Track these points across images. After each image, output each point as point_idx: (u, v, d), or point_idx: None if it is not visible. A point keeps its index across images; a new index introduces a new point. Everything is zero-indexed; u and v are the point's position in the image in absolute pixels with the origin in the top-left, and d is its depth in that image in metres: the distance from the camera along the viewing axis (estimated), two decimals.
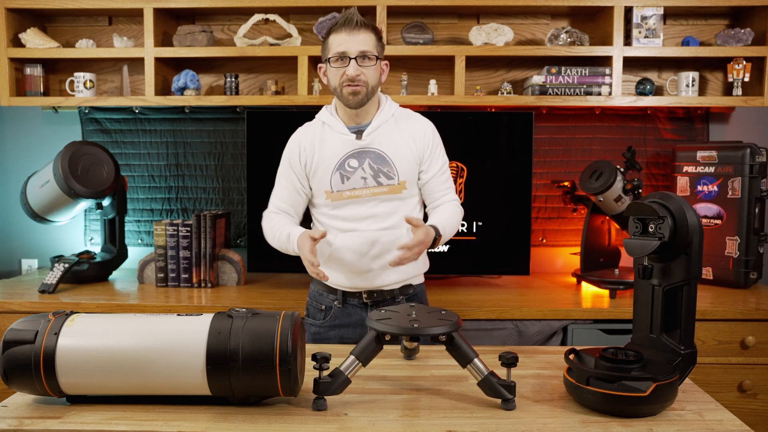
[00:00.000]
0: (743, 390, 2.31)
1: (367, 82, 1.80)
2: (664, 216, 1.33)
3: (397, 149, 1.85)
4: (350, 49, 1.78)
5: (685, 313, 1.36)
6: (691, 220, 1.32)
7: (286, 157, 1.94)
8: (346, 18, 1.79)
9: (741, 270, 2.54)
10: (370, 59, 1.80)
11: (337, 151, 1.85)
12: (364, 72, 1.79)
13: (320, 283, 1.96)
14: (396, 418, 1.26)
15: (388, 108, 1.90)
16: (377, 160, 1.84)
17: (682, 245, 1.34)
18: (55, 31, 2.93)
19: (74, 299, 2.39)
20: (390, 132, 1.86)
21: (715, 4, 2.61)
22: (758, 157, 2.51)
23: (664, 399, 1.29)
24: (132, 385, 1.27)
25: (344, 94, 1.81)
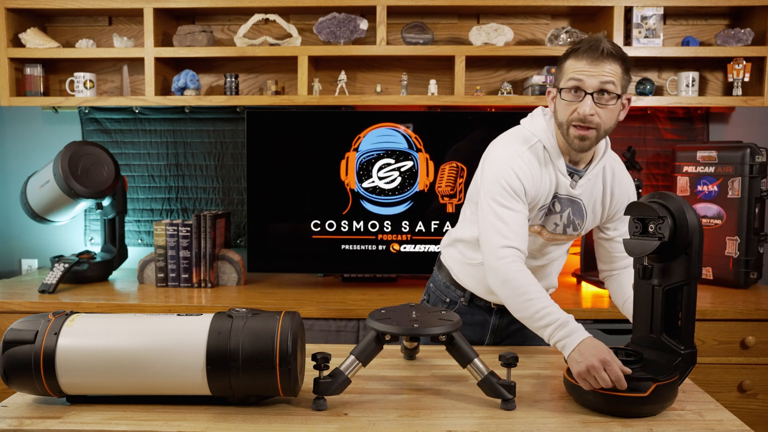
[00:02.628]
0: (743, 390, 2.31)
1: (600, 125, 1.51)
2: (664, 216, 1.32)
3: (595, 205, 1.67)
4: (589, 81, 1.49)
5: (686, 313, 1.35)
6: (691, 220, 1.32)
7: (515, 180, 1.56)
8: (591, 43, 1.50)
9: (741, 270, 2.54)
10: (611, 98, 1.50)
11: (549, 188, 1.61)
12: (599, 113, 1.50)
13: (449, 275, 1.82)
14: (396, 418, 1.26)
15: (606, 156, 1.65)
16: (576, 212, 1.65)
17: (682, 245, 1.33)
18: (55, 31, 2.93)
19: (74, 299, 2.39)
20: (597, 185, 1.66)
21: (715, 4, 2.61)
22: (758, 157, 2.51)
23: (665, 399, 1.29)
24: (132, 385, 1.27)
25: (571, 135, 1.53)
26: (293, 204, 2.66)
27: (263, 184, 2.65)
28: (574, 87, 1.51)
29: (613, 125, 1.56)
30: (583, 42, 1.52)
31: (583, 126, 1.51)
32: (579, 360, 1.33)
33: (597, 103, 1.50)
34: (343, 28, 2.65)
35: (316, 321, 2.31)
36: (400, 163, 2.61)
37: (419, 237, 2.64)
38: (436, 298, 1.88)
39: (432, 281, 1.92)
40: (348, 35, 2.66)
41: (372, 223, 2.63)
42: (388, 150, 2.61)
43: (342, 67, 2.82)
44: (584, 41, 1.52)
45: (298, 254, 2.68)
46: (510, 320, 1.80)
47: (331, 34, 2.66)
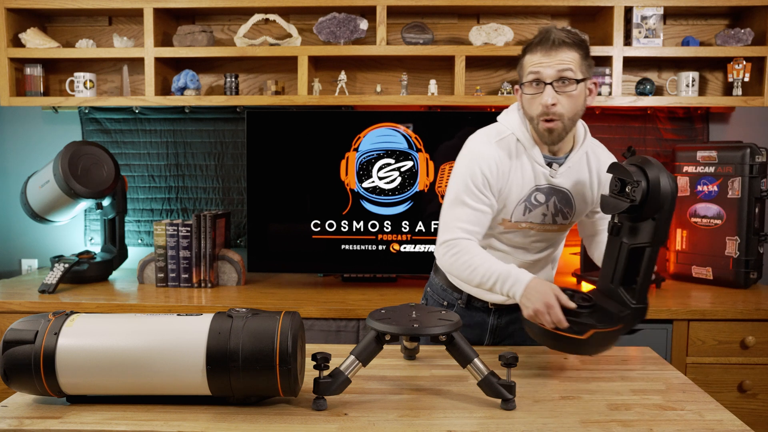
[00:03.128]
0: (743, 390, 2.31)
1: (563, 114, 1.53)
2: (639, 180, 1.38)
3: (583, 192, 1.68)
4: (546, 71, 1.52)
5: (644, 272, 1.44)
6: (664, 188, 1.38)
7: (480, 176, 1.61)
8: (542, 35, 1.55)
9: (741, 270, 2.54)
10: (570, 84, 1.52)
11: (528, 181, 1.63)
12: (561, 101, 1.53)
13: (444, 278, 1.81)
14: (396, 418, 1.26)
15: (585, 143, 1.67)
16: (562, 201, 1.66)
17: (651, 210, 1.40)
18: (55, 31, 2.93)
19: (74, 299, 2.39)
20: (580, 171, 1.67)
21: (715, 4, 2.61)
22: (758, 157, 2.51)
23: (601, 344, 1.42)
24: (132, 385, 1.27)
25: (540, 128, 1.57)
26: (293, 204, 2.66)
27: (263, 184, 2.65)
28: (533, 80, 1.55)
29: (580, 111, 1.58)
30: (536, 35, 1.56)
31: (548, 118, 1.54)
32: (527, 305, 1.47)
33: (558, 92, 1.52)
34: (343, 28, 2.65)
35: (316, 321, 2.31)
36: (400, 163, 2.61)
37: (419, 237, 2.64)
38: (434, 302, 1.88)
39: (429, 285, 1.93)
40: (348, 35, 2.66)
41: (372, 223, 2.63)
42: (388, 150, 2.61)
43: (342, 67, 2.82)
44: (537, 35, 1.56)
45: (298, 254, 2.68)
46: (509, 320, 1.81)
47: (331, 34, 2.66)
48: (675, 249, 2.75)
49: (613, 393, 1.41)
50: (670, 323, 2.29)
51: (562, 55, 1.52)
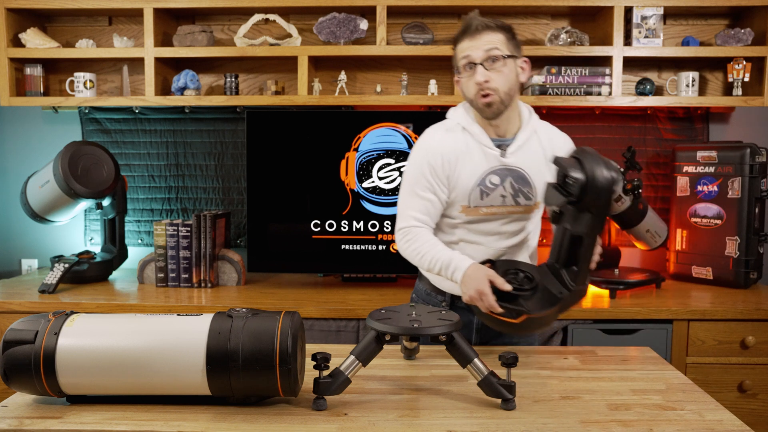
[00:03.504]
0: (743, 390, 2.31)
1: (497, 89, 1.64)
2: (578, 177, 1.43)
3: (539, 169, 1.73)
4: (474, 54, 1.65)
5: (582, 259, 1.51)
6: (601, 184, 1.41)
7: (427, 167, 1.71)
8: (465, 24, 1.69)
9: (741, 270, 2.54)
10: (498, 60, 1.64)
11: (479, 165, 1.70)
12: (492, 77, 1.64)
13: (428, 282, 1.86)
14: (396, 418, 1.26)
15: (531, 123, 1.76)
16: (519, 180, 1.71)
17: (588, 204, 1.45)
18: (55, 31, 2.93)
19: (74, 299, 2.39)
20: (532, 151, 1.73)
21: (715, 4, 2.61)
22: (758, 157, 2.51)
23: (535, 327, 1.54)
24: (132, 385, 1.27)
25: (480, 105, 1.67)
26: (293, 204, 2.66)
27: (263, 184, 2.65)
28: (466, 64, 1.68)
29: (514, 86, 1.69)
30: (461, 27, 1.72)
31: (483, 93, 1.65)
32: (464, 291, 1.57)
33: (488, 69, 1.65)
34: (343, 28, 2.65)
35: (316, 321, 2.31)
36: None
37: None
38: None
39: (414, 291, 1.96)
40: (348, 35, 2.66)
41: (372, 223, 2.63)
42: (388, 150, 2.61)
43: (342, 67, 2.82)
44: (461, 26, 1.71)
45: (298, 254, 2.68)
46: None
47: (331, 34, 2.66)
48: (675, 249, 2.75)
49: (613, 393, 1.41)
50: (670, 323, 2.29)
51: (486, 38, 1.66)
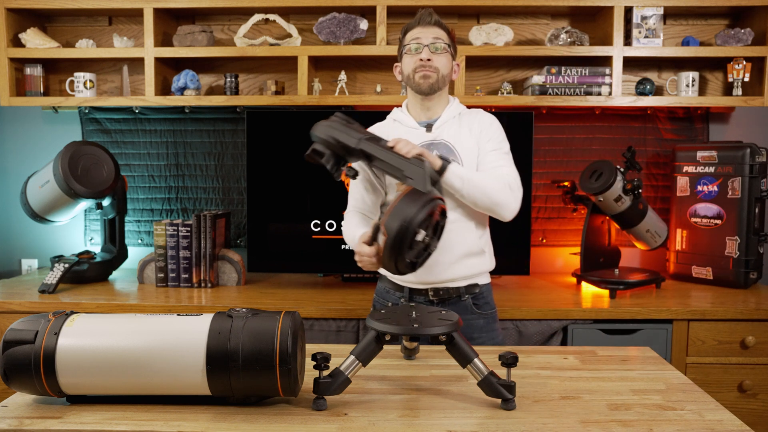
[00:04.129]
0: (743, 390, 2.31)
1: (438, 69, 1.86)
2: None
3: (462, 140, 1.88)
4: (423, 37, 1.86)
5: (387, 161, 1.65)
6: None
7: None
8: (420, 15, 1.89)
9: (741, 270, 2.54)
10: (443, 49, 1.88)
11: None
12: (435, 58, 1.86)
13: (388, 280, 1.95)
14: (396, 418, 1.26)
15: (456, 106, 1.94)
16: (444, 150, 1.86)
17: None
18: (55, 31, 2.93)
19: (74, 299, 2.39)
20: (456, 126, 1.90)
21: (715, 4, 2.61)
22: (758, 157, 2.51)
23: (402, 227, 1.52)
24: (132, 385, 1.27)
25: (416, 79, 1.87)
26: (293, 204, 2.66)
27: (263, 184, 2.65)
28: (414, 46, 1.87)
29: (448, 74, 1.90)
30: (415, 18, 1.90)
31: (425, 68, 1.85)
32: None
33: (432, 53, 1.86)
34: (343, 28, 2.65)
35: (316, 321, 2.31)
36: None
37: None
38: (381, 306, 1.96)
39: (375, 292, 2.03)
40: (348, 35, 2.66)
41: None
42: None
43: (342, 67, 2.82)
44: (416, 17, 1.90)
45: (298, 254, 2.68)
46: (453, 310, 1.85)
47: (331, 34, 2.66)
48: (675, 249, 2.75)
49: (613, 393, 1.41)
50: (670, 323, 2.29)
51: (435, 30, 1.88)
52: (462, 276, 1.88)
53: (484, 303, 1.93)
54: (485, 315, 1.93)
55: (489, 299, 1.96)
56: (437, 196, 1.58)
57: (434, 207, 1.54)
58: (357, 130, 1.68)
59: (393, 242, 1.51)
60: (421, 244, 1.56)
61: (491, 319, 1.95)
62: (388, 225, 1.51)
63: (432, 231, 1.60)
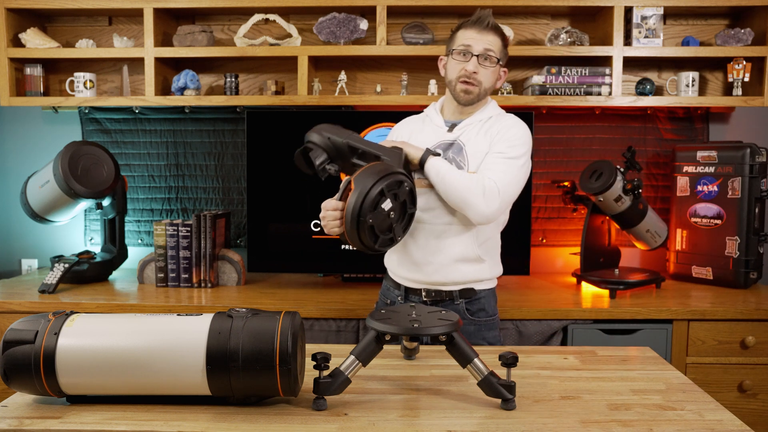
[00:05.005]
0: (743, 390, 2.31)
1: (481, 83, 1.83)
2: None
3: (477, 143, 1.85)
4: (475, 45, 1.81)
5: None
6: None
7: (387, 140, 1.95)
8: (478, 16, 1.83)
9: (741, 270, 2.54)
10: (492, 61, 1.83)
11: (427, 141, 1.88)
12: (481, 71, 1.82)
13: (390, 278, 2.00)
14: (396, 418, 1.26)
15: (489, 110, 1.90)
16: (455, 151, 1.85)
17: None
18: (55, 31, 2.93)
19: (74, 299, 2.39)
20: (478, 129, 1.87)
21: (715, 4, 2.61)
22: (758, 157, 2.51)
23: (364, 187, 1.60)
24: (132, 385, 1.27)
25: (457, 89, 1.84)
26: (293, 204, 2.66)
27: (263, 184, 2.65)
28: (463, 50, 1.82)
29: (492, 86, 1.87)
30: (473, 16, 1.85)
31: (468, 81, 1.82)
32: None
33: (480, 64, 1.81)
34: (343, 28, 2.65)
35: (316, 321, 2.31)
36: None
37: None
38: (382, 302, 2.04)
39: (380, 291, 2.08)
40: (348, 35, 2.66)
41: None
42: None
43: (342, 67, 2.82)
44: (474, 15, 1.85)
45: (298, 254, 2.68)
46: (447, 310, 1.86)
47: (331, 34, 2.66)
48: (675, 249, 2.75)
49: (613, 393, 1.41)
50: (670, 323, 2.29)
51: (490, 38, 1.83)
52: (454, 281, 1.87)
53: (479, 309, 1.90)
54: (477, 321, 1.90)
55: (486, 306, 1.92)
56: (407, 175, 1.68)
57: (402, 180, 1.64)
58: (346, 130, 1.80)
59: (358, 197, 1.58)
60: (386, 215, 1.62)
61: (484, 327, 1.92)
62: (357, 180, 1.60)
63: (399, 210, 1.66)
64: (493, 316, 1.94)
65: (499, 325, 2.02)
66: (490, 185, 1.75)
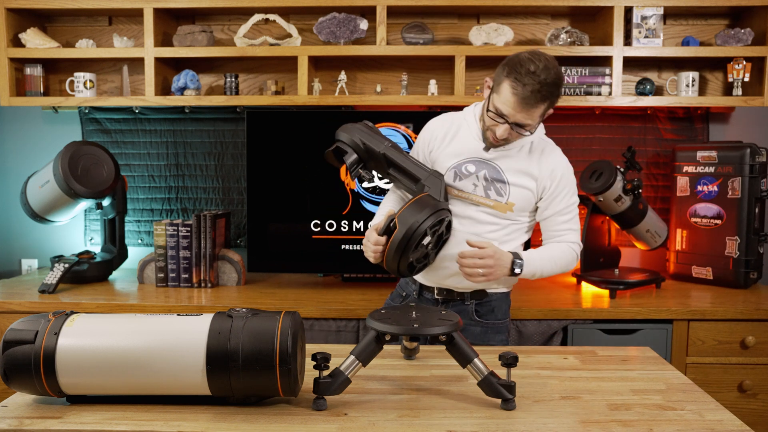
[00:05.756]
0: (743, 390, 2.31)
1: (509, 140, 1.75)
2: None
3: (517, 174, 1.79)
4: (513, 117, 1.67)
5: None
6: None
7: (421, 136, 1.93)
8: (532, 86, 1.61)
9: (741, 270, 2.54)
10: (528, 129, 1.71)
11: (461, 151, 1.82)
12: (513, 135, 1.72)
13: None
14: (396, 418, 1.26)
15: (535, 137, 1.82)
16: (494, 174, 1.79)
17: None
18: (55, 31, 2.93)
19: (74, 299, 2.39)
20: (518, 158, 1.80)
21: (715, 4, 2.61)
22: (758, 157, 2.51)
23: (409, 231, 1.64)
24: (132, 385, 1.27)
25: (487, 135, 1.76)
26: (293, 204, 2.66)
27: (263, 184, 2.65)
28: (499, 114, 1.68)
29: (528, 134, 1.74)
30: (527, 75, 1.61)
31: (497, 140, 1.73)
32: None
33: (513, 130, 1.70)
34: (343, 28, 2.65)
35: (316, 321, 2.31)
36: None
37: None
38: (396, 294, 2.03)
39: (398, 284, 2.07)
40: (348, 35, 2.66)
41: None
42: None
43: (342, 67, 2.82)
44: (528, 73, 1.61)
45: (298, 254, 2.68)
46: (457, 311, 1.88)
47: (331, 34, 2.66)
48: (675, 249, 2.75)
49: (613, 393, 1.41)
50: (670, 323, 2.29)
51: (533, 111, 1.66)
52: (467, 287, 1.87)
53: (488, 311, 1.90)
54: (484, 324, 1.90)
55: (496, 309, 1.91)
56: (447, 208, 1.69)
57: (444, 216, 1.66)
58: (382, 137, 1.77)
59: (402, 238, 1.60)
60: (425, 249, 1.65)
61: (492, 330, 1.91)
62: (401, 220, 1.60)
63: (435, 241, 1.69)
64: (502, 320, 1.93)
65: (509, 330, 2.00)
66: (577, 249, 1.85)
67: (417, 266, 1.72)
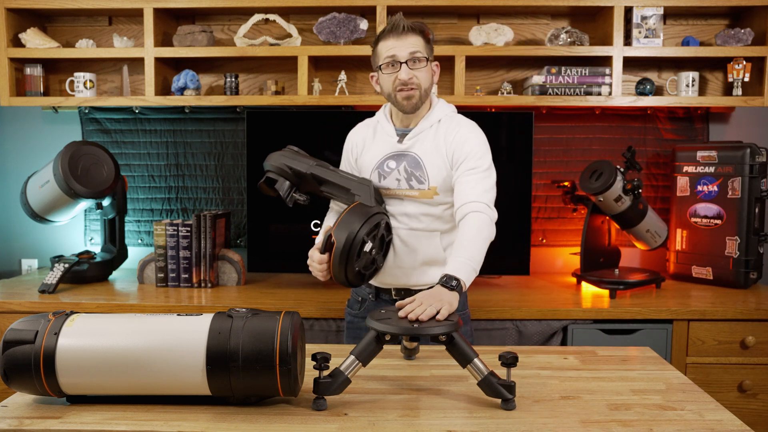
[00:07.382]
0: (743, 390, 2.31)
1: (419, 85, 1.79)
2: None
3: (432, 155, 1.82)
4: (400, 53, 1.77)
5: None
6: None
7: (344, 149, 2.01)
8: (392, 24, 1.79)
9: (741, 270, 2.54)
10: (421, 61, 1.79)
11: (379, 151, 1.88)
12: (416, 75, 1.78)
13: None
14: (396, 418, 1.26)
15: (437, 113, 1.86)
16: (412, 164, 1.82)
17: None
18: (55, 31, 2.93)
19: (74, 299, 2.39)
20: (429, 138, 1.83)
21: (715, 4, 2.61)
22: (758, 157, 2.51)
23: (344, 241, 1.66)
24: (132, 385, 1.27)
25: (398, 99, 1.80)
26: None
27: None
28: (390, 62, 1.79)
29: (430, 85, 1.83)
30: (387, 26, 1.82)
31: (406, 88, 1.78)
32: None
33: (411, 69, 1.78)
34: (343, 28, 2.65)
35: (316, 321, 2.31)
36: None
37: None
38: (353, 300, 2.02)
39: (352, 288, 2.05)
40: (348, 35, 2.66)
41: None
42: None
43: (342, 67, 2.82)
44: (387, 25, 1.81)
45: (299, 254, 2.66)
46: None
47: (331, 34, 2.66)
48: (675, 249, 2.75)
49: (613, 393, 1.41)
50: (670, 323, 2.29)
51: (410, 40, 1.78)
52: (423, 283, 1.86)
53: None
54: None
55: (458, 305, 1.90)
56: (381, 211, 1.73)
57: (379, 220, 1.70)
58: (308, 158, 1.83)
59: (342, 250, 1.63)
60: (369, 255, 1.69)
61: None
62: (337, 234, 1.64)
63: (378, 245, 1.72)
64: (462, 311, 1.90)
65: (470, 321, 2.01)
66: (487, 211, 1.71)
67: (366, 273, 1.74)
